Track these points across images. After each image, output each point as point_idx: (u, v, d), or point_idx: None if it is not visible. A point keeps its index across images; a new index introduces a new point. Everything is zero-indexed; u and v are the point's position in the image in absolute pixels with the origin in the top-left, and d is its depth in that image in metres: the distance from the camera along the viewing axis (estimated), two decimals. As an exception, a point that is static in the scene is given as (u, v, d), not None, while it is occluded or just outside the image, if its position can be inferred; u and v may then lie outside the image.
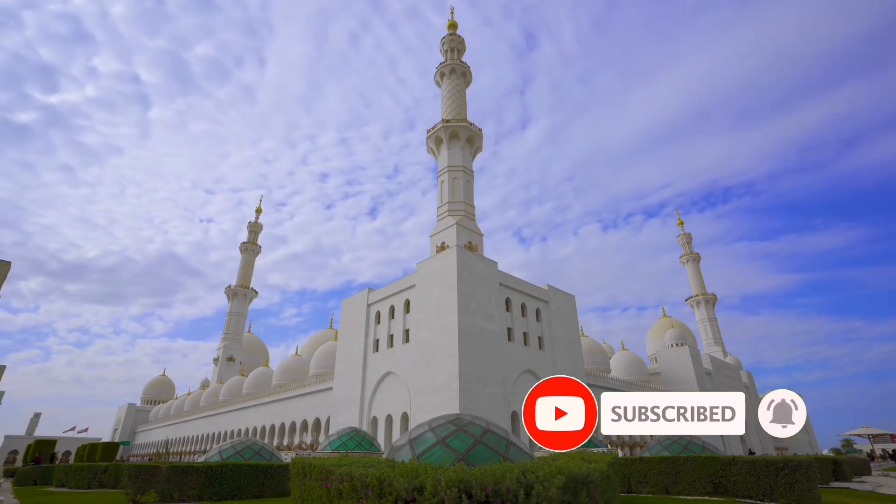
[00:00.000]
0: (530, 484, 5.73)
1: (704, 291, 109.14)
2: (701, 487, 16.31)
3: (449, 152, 52.39)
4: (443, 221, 48.93)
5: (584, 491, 6.56)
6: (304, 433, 54.14)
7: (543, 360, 42.52)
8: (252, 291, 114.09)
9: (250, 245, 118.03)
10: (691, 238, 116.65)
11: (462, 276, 36.75)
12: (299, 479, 9.27)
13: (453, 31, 62.48)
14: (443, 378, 34.21)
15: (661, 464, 17.57)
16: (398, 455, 9.78)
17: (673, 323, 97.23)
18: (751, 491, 15.22)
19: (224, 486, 16.12)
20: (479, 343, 35.98)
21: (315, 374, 59.35)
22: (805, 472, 14.43)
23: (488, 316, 37.85)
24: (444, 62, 60.08)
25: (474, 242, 47.60)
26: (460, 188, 50.36)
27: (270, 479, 17.22)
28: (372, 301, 45.91)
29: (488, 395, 34.92)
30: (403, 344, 40.55)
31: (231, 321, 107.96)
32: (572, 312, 49.56)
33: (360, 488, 6.33)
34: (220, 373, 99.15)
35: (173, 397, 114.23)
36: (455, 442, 9.51)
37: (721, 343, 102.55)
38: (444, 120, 54.45)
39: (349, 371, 45.34)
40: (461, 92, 58.34)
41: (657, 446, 20.43)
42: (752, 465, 15.47)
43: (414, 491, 5.69)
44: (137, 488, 15.28)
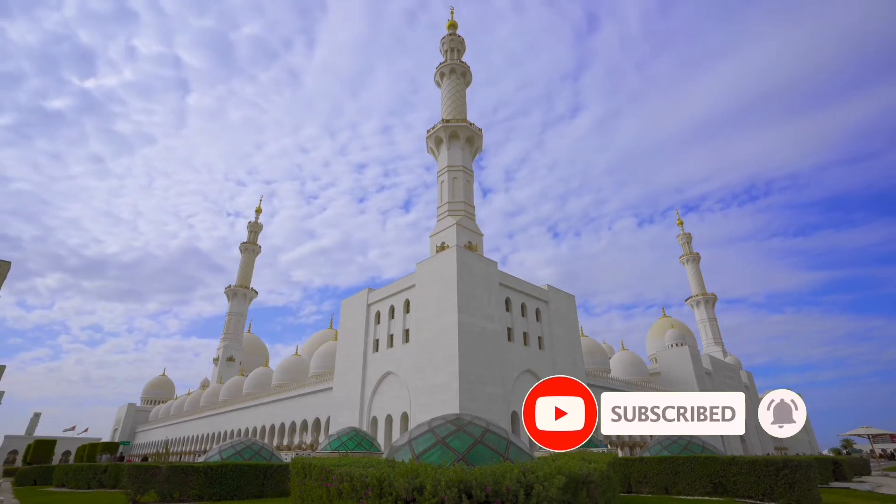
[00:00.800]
0: (530, 484, 5.73)
1: (704, 291, 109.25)
2: (701, 487, 16.31)
3: (449, 152, 52.40)
4: (443, 221, 48.94)
5: (584, 491, 6.56)
6: (304, 433, 54.13)
7: (543, 360, 42.51)
8: (252, 291, 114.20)
9: (250, 245, 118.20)
10: (691, 238, 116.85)
11: (462, 276, 36.74)
12: (299, 479, 9.27)
13: (453, 32, 62.45)
14: (443, 378, 34.20)
15: (661, 464, 17.57)
16: (398, 455, 9.78)
17: (673, 323, 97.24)
18: (750, 491, 15.22)
19: (224, 486, 16.12)
20: (479, 343, 35.97)
21: (315, 374, 59.36)
22: (805, 472, 14.44)
23: (488, 316, 37.84)
24: (444, 62, 60.04)
25: (474, 242, 47.60)
26: (460, 188, 50.36)
27: (270, 479, 17.22)
28: (372, 301, 45.90)
29: (488, 395, 34.92)
30: (403, 344, 40.54)
31: (231, 321, 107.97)
32: (572, 312, 49.55)
33: (360, 488, 6.33)
34: (220, 373, 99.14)
35: (173, 397, 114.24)
36: (455, 442, 9.51)
37: (721, 343, 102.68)
38: (443, 120, 54.44)
39: (349, 371, 45.34)
40: (461, 92, 58.32)
41: (657, 446, 20.44)
42: (751, 465, 15.47)
43: (414, 491, 5.69)
44: (137, 488, 15.27)
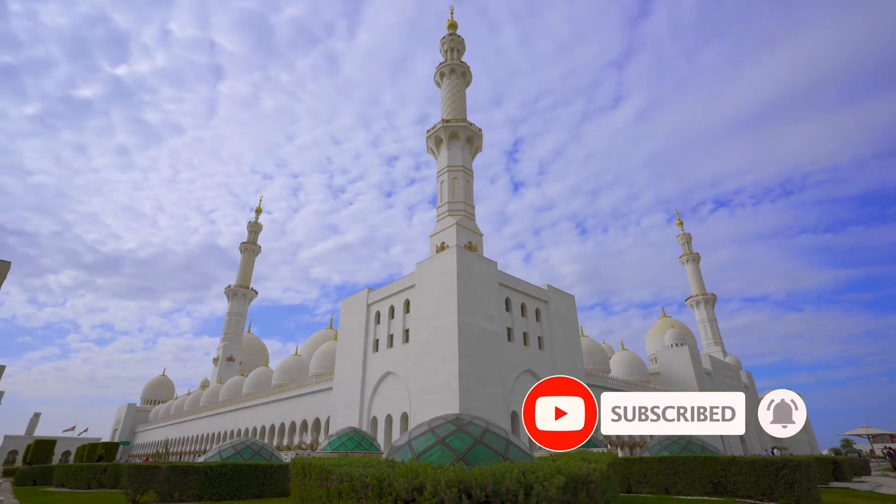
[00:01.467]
0: (530, 484, 5.72)
1: (704, 291, 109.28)
2: (700, 487, 16.31)
3: (449, 152, 52.41)
4: (443, 221, 48.94)
5: (584, 491, 6.55)
6: (304, 433, 54.13)
7: (543, 360, 42.52)
8: (252, 291, 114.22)
9: (250, 245, 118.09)
10: (691, 238, 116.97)
11: (462, 276, 36.74)
12: (299, 479, 9.27)
13: (453, 32, 62.44)
14: (443, 378, 34.21)
15: (661, 464, 17.57)
16: (398, 455, 9.77)
17: (673, 323, 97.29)
18: (750, 491, 15.22)
19: (224, 486, 16.11)
20: (479, 343, 35.97)
21: (315, 374, 59.35)
22: (804, 472, 14.44)
23: (488, 316, 37.84)
24: (444, 62, 60.03)
25: (474, 242, 47.61)
26: (460, 188, 50.37)
27: (270, 479, 17.21)
28: (372, 301, 45.90)
29: (488, 395, 34.92)
30: (403, 344, 40.55)
31: (231, 321, 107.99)
32: (572, 312, 49.56)
33: (360, 488, 6.33)
34: (219, 373, 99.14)
35: (173, 397, 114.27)
36: (455, 442, 9.51)
37: (721, 343, 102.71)
38: (443, 120, 54.45)
39: (349, 371, 45.34)
40: (461, 92, 58.33)
41: (657, 446, 20.44)
42: (751, 465, 15.47)
43: (414, 491, 5.69)
44: (137, 488, 15.27)
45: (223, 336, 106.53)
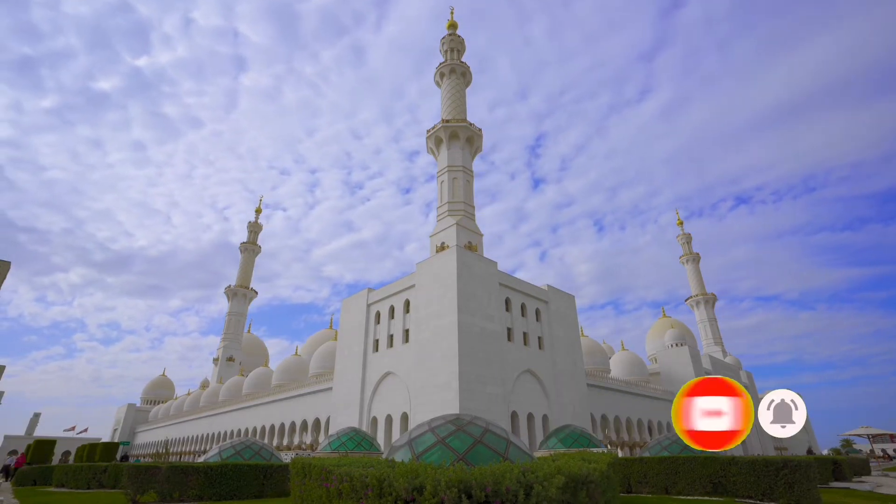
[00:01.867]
0: (530, 484, 5.73)
1: (704, 291, 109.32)
2: (701, 487, 16.30)
3: (449, 152, 52.43)
4: (442, 221, 48.96)
5: (584, 491, 6.55)
6: (304, 433, 54.12)
7: (543, 360, 42.53)
8: (252, 291, 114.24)
9: (250, 245, 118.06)
10: (691, 238, 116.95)
11: (462, 275, 36.75)
12: (299, 479, 9.28)
13: (453, 32, 62.42)
14: (443, 378, 34.21)
15: (661, 464, 17.56)
16: (398, 455, 9.77)
17: (672, 323, 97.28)
18: (750, 491, 15.21)
19: (224, 486, 16.12)
20: (479, 343, 35.98)
21: (315, 374, 59.33)
22: (804, 473, 14.42)
23: (488, 316, 37.84)
24: (444, 62, 60.02)
25: (474, 242, 47.63)
26: (460, 188, 50.38)
27: (270, 479, 17.22)
28: (372, 301, 45.90)
29: (488, 395, 34.92)
30: (403, 344, 40.55)
31: (231, 321, 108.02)
32: (572, 312, 49.56)
33: (360, 488, 6.33)
34: (219, 373, 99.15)
35: (173, 397, 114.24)
36: (455, 442, 9.51)
37: (721, 343, 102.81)
38: (443, 120, 54.49)
39: (349, 371, 45.34)
40: (461, 92, 58.35)
41: (657, 446, 20.44)
42: (751, 465, 15.47)
43: (414, 491, 5.69)
44: (137, 488, 15.27)
45: (223, 336, 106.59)
